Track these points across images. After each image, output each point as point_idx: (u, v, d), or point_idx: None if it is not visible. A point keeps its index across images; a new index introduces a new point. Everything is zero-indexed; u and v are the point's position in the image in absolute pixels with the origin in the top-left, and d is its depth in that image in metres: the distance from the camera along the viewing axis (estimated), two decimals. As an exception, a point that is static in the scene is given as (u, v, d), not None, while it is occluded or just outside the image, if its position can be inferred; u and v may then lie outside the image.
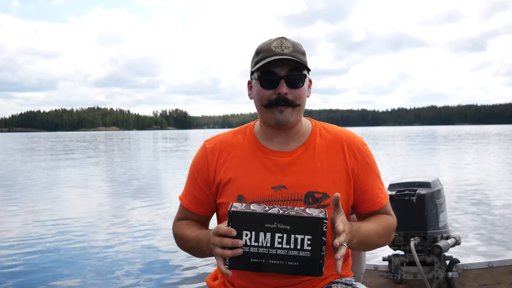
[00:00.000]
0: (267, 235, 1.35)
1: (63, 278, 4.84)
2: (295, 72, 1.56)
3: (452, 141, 41.82)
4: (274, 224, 1.35)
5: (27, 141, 66.94)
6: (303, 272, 1.37)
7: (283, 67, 1.55)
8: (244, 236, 1.36)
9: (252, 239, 1.35)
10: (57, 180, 14.61)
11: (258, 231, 1.35)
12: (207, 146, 1.70)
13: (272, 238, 1.35)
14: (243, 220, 1.36)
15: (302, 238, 1.35)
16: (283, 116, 1.57)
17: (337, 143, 1.65)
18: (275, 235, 1.35)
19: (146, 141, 59.58)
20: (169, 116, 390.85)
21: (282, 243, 1.35)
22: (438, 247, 2.80)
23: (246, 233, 1.36)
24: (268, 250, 1.35)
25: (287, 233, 1.35)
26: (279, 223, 1.35)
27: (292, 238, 1.35)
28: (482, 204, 8.90)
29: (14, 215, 8.60)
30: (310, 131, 1.67)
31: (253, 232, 1.35)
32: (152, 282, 4.66)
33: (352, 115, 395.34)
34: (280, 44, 1.57)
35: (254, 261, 1.37)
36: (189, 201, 1.72)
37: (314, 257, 1.35)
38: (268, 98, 1.57)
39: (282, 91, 1.55)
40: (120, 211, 8.92)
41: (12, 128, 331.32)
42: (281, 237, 1.35)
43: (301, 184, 1.57)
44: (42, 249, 6.00)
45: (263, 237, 1.35)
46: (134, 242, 6.36)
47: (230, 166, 1.63)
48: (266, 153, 1.63)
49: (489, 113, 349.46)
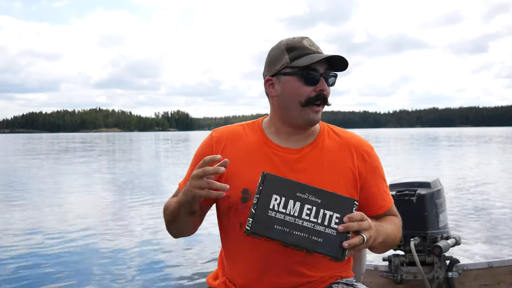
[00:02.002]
0: (297, 204, 1.32)
1: (64, 277, 4.86)
2: (332, 72, 1.59)
3: (454, 142, 41.78)
4: (306, 194, 1.33)
5: (29, 142, 66.98)
6: (325, 250, 1.32)
7: (322, 65, 1.56)
8: (273, 200, 1.32)
9: (280, 205, 1.32)
10: (60, 181, 14.63)
11: (288, 198, 1.33)
12: (214, 135, 1.69)
13: (301, 208, 1.32)
14: (275, 183, 1.34)
15: (331, 214, 1.33)
16: (318, 116, 1.60)
17: (346, 145, 1.65)
18: (304, 206, 1.33)
19: (150, 142, 59.59)
20: (170, 118, 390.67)
21: (310, 215, 1.32)
22: (438, 247, 2.81)
23: (276, 197, 1.33)
24: (294, 220, 1.32)
25: (316, 206, 1.33)
26: (310, 195, 1.34)
27: (321, 212, 1.33)
28: (482, 204, 8.93)
29: (17, 215, 8.63)
30: (319, 132, 1.68)
31: (283, 198, 1.33)
32: (152, 282, 4.67)
33: (354, 117, 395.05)
34: (312, 43, 1.59)
35: (278, 228, 1.31)
36: None
37: (339, 237, 1.32)
38: (308, 95, 1.56)
39: (325, 88, 1.56)
40: (121, 211, 8.93)
41: (14, 129, 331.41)
42: (310, 209, 1.33)
43: (306, 182, 1.54)
44: (44, 248, 6.02)
45: (292, 205, 1.32)
46: (135, 241, 6.37)
47: (235, 158, 1.60)
48: (273, 148, 1.62)
49: (491, 115, 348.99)
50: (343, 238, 1.32)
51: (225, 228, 1.66)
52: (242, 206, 1.56)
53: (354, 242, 1.33)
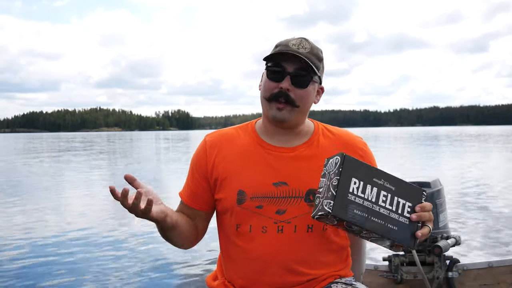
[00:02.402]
0: (374, 189, 1.32)
1: (62, 275, 4.87)
2: (302, 72, 1.55)
3: (454, 141, 41.75)
4: (382, 180, 1.34)
5: (30, 141, 66.99)
6: (399, 238, 1.33)
7: (292, 64, 1.55)
8: (352, 184, 1.31)
9: (359, 189, 1.31)
10: (61, 180, 14.64)
11: (366, 183, 1.32)
12: (207, 139, 1.69)
13: (378, 194, 1.32)
14: (354, 167, 1.33)
15: (404, 203, 1.34)
16: (281, 114, 1.56)
17: (340, 143, 1.65)
18: (380, 192, 1.33)
19: (151, 141, 59.58)
20: (171, 117, 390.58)
21: (386, 202, 1.33)
22: (438, 247, 2.80)
23: (355, 181, 1.31)
24: (372, 205, 1.31)
25: (391, 194, 1.34)
26: (386, 181, 1.34)
27: (395, 200, 1.34)
28: (482, 204, 8.93)
29: (17, 214, 8.63)
30: (313, 131, 1.68)
31: (362, 182, 1.32)
32: (152, 282, 4.67)
33: (354, 116, 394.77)
34: (299, 42, 1.57)
35: (357, 213, 1.30)
36: (187, 195, 1.69)
37: (411, 226, 1.34)
38: (271, 90, 1.57)
39: (285, 86, 1.54)
40: (122, 210, 8.92)
41: (15, 129, 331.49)
42: (385, 195, 1.33)
43: (303, 181, 1.56)
44: (45, 247, 6.03)
45: (370, 190, 1.32)
46: (134, 241, 6.37)
47: (230, 161, 1.62)
48: (267, 148, 1.62)
49: (492, 114, 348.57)
50: (415, 228, 1.34)
51: (223, 229, 1.67)
52: (238, 208, 1.57)
53: (425, 232, 1.36)
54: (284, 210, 1.54)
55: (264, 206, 1.55)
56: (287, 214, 1.54)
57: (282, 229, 1.54)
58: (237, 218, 1.57)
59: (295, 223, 1.54)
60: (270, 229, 1.54)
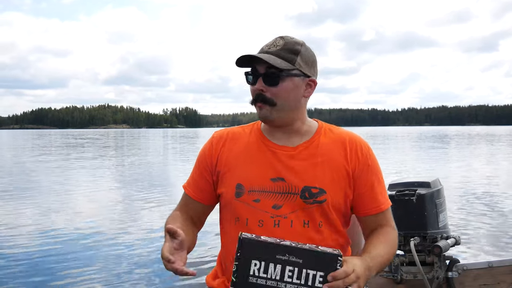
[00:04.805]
0: (277, 267, 1.28)
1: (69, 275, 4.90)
2: (272, 70, 1.58)
3: (460, 141, 41.54)
4: (286, 256, 1.29)
5: (38, 137, 67.36)
6: None
7: (262, 65, 1.58)
8: (253, 266, 1.29)
9: (261, 270, 1.29)
10: (69, 176, 14.72)
11: (268, 262, 1.29)
12: (214, 135, 1.77)
13: (283, 271, 1.28)
14: (253, 248, 1.30)
15: (314, 274, 1.28)
16: (262, 113, 1.62)
17: (340, 142, 1.67)
18: (285, 268, 1.28)
19: (158, 138, 59.74)
20: (179, 114, 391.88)
21: (293, 277, 1.28)
22: (438, 247, 2.80)
23: (255, 263, 1.29)
24: (276, 284, 1.28)
25: (298, 267, 1.28)
26: (291, 256, 1.29)
27: (304, 273, 1.28)
28: (482, 204, 8.89)
29: (26, 210, 8.70)
30: (315, 131, 1.70)
31: (263, 262, 1.29)
32: (152, 281, 4.68)
33: (362, 114, 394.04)
34: (273, 42, 1.61)
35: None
36: (190, 187, 1.76)
37: None
38: (252, 94, 1.63)
39: (258, 87, 1.59)
40: (125, 207, 8.98)
41: (24, 125, 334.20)
42: (292, 270, 1.28)
43: (299, 178, 1.59)
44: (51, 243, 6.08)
45: (273, 269, 1.28)
46: (134, 241, 6.38)
47: (233, 156, 1.68)
48: (270, 146, 1.67)
49: (500, 114, 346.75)
50: None
51: (223, 223, 1.72)
52: (236, 201, 1.62)
53: None
54: (281, 205, 1.58)
55: (261, 200, 1.59)
56: (284, 209, 1.57)
57: (278, 224, 1.57)
58: (235, 211, 1.62)
59: (291, 218, 1.57)
60: (267, 223, 1.57)
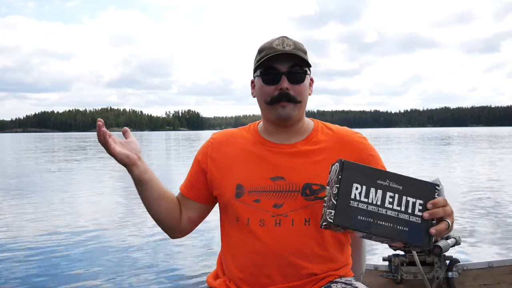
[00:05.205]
0: (378, 192, 1.26)
1: (71, 277, 4.91)
2: (296, 68, 1.60)
3: (462, 142, 41.44)
4: (387, 181, 1.27)
5: (41, 141, 67.46)
6: (412, 239, 1.26)
7: (284, 63, 1.59)
8: (354, 189, 1.26)
9: (362, 194, 1.26)
10: (71, 179, 14.73)
11: (369, 186, 1.26)
12: (213, 137, 1.79)
13: (384, 196, 1.26)
14: (355, 171, 1.27)
15: (413, 201, 1.27)
16: (285, 111, 1.61)
17: (338, 139, 1.68)
18: (386, 193, 1.27)
19: (161, 141, 59.76)
20: (181, 117, 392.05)
21: (393, 203, 1.26)
22: (438, 247, 2.79)
23: (357, 187, 1.26)
24: (378, 209, 1.26)
25: (399, 194, 1.27)
26: (391, 182, 1.27)
27: (404, 199, 1.27)
28: (482, 204, 8.87)
29: (29, 213, 8.71)
30: (312, 129, 1.71)
31: (364, 186, 1.26)
32: (152, 281, 4.68)
33: (365, 116, 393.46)
34: (282, 42, 1.61)
35: (361, 219, 1.25)
36: (185, 186, 1.77)
37: (424, 224, 1.27)
38: (271, 94, 1.61)
39: (284, 86, 1.58)
40: (127, 210, 8.98)
41: (26, 129, 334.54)
42: (392, 197, 1.27)
43: (299, 176, 1.60)
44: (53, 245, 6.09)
45: (374, 194, 1.26)
46: (134, 241, 6.40)
47: (230, 157, 1.69)
48: (267, 145, 1.67)
49: (503, 115, 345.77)
50: (429, 226, 1.28)
51: (223, 223, 1.72)
52: (236, 201, 1.62)
53: (441, 228, 1.29)
54: (281, 204, 1.58)
55: (262, 200, 1.59)
56: (284, 208, 1.57)
57: (279, 223, 1.57)
58: (236, 211, 1.62)
59: (292, 216, 1.57)
60: (268, 223, 1.57)
